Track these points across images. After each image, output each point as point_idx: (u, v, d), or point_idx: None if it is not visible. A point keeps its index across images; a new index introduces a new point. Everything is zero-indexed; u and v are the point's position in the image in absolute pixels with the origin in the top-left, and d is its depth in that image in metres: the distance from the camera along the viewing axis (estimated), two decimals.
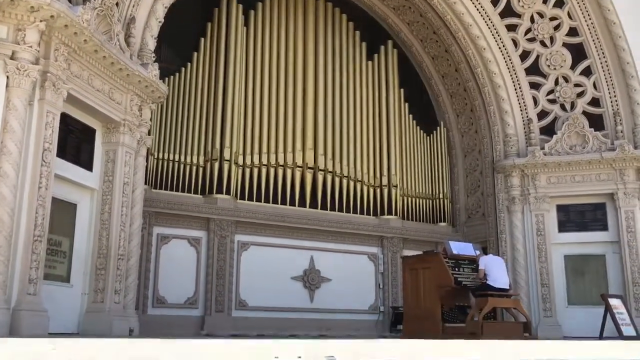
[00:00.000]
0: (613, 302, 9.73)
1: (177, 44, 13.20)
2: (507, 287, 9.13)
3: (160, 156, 12.49)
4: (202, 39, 13.60)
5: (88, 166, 9.42)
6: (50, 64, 7.95)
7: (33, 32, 7.76)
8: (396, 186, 15.20)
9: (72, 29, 8.18)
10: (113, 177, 9.56)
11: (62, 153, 8.64)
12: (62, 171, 8.64)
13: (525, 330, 9.01)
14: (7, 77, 7.56)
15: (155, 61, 10.61)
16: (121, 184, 9.60)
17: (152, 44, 10.63)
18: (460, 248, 9.79)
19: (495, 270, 9.11)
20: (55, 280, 8.73)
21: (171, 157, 12.61)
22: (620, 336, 9.18)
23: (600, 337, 9.41)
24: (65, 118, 8.59)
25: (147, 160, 11.15)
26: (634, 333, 9.48)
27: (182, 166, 12.71)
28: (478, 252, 9.87)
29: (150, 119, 10.81)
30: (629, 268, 13.52)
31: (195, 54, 13.44)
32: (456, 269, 9.46)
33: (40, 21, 7.76)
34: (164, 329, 11.27)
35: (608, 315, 9.48)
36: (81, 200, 9.36)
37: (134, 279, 10.01)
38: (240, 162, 13.34)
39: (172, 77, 12.92)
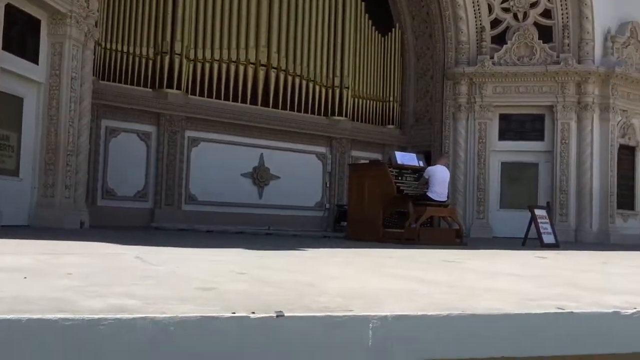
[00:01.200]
0: (538, 212, 10.54)
1: None
2: (444, 200, 9.75)
3: (109, 46, 12.13)
4: None
5: (34, 59, 9.15)
6: None
7: None
8: (348, 87, 15.35)
9: None
10: (60, 71, 9.34)
11: (6, 44, 8.34)
12: (7, 64, 8.38)
13: (457, 237, 9.77)
14: None
15: None
16: (69, 78, 9.41)
17: None
18: (405, 158, 10.25)
19: (437, 183, 9.64)
20: (5, 174, 8.75)
21: (120, 48, 12.27)
22: (541, 244, 10.08)
23: (523, 244, 10.29)
24: (9, 9, 8.20)
25: (94, 51, 10.84)
26: (553, 241, 10.41)
27: (131, 58, 12.42)
28: (421, 163, 10.37)
29: (98, 10, 10.38)
30: (558, 177, 14.47)
31: None
32: (399, 178, 9.96)
33: None
34: (114, 221, 11.56)
35: (533, 224, 10.33)
36: (27, 94, 9.17)
37: (84, 173, 10.11)
38: (192, 56, 13.10)
39: None
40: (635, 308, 2.55)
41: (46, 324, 1.57)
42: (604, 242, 13.99)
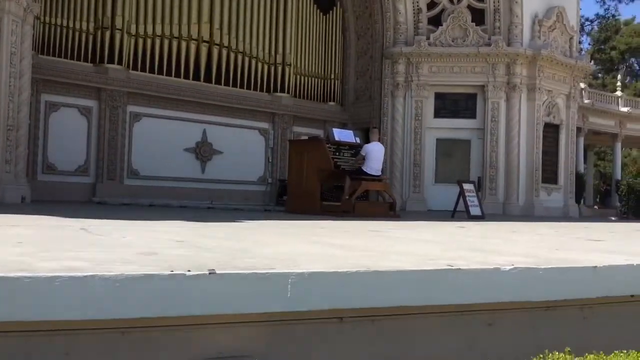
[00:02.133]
0: (466, 186, 11.30)
1: None
2: (379, 174, 10.32)
3: (47, 20, 12.01)
4: None
5: None
6: None
7: None
8: (290, 65, 15.66)
9: None
10: (0, 47, 9.29)
11: None
12: None
13: (391, 209, 10.38)
14: None
15: None
16: (8, 54, 9.38)
17: None
18: (343, 135, 10.74)
19: (373, 159, 10.18)
20: None
21: (59, 22, 12.17)
22: (468, 216, 10.84)
23: (452, 216, 11.03)
24: None
25: (34, 26, 10.75)
26: (479, 213, 11.20)
27: (71, 32, 12.34)
28: (358, 140, 10.89)
29: None
30: (488, 153, 15.35)
31: None
32: (337, 154, 10.46)
33: None
34: (55, 196, 11.61)
35: (461, 198, 11.07)
36: None
37: (24, 148, 10.13)
38: (133, 31, 13.11)
39: None
40: (513, 265, 3.10)
41: (11, 281, 1.86)
42: (530, 214, 15.01)
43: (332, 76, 16.78)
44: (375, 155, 10.18)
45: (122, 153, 12.93)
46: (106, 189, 12.59)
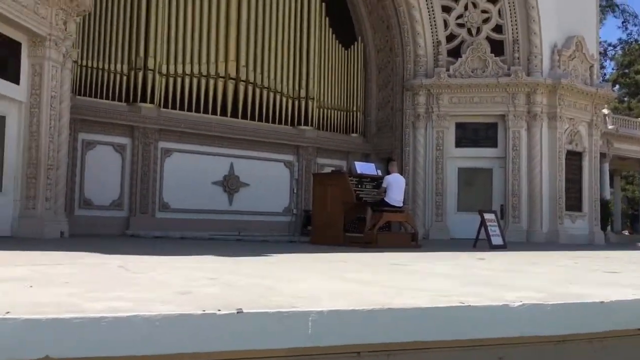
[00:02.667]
0: (487, 216, 11.47)
1: None
2: (400, 205, 10.60)
3: (85, 63, 12.71)
4: None
5: (15, 79, 9.71)
6: None
7: None
8: (313, 98, 16.15)
9: None
10: (40, 91, 9.92)
11: None
12: None
13: (413, 240, 10.62)
14: None
15: None
16: (49, 97, 9.99)
17: None
18: (364, 168, 11.09)
19: (394, 190, 10.49)
20: None
21: (95, 65, 12.85)
22: (490, 245, 11.00)
23: (474, 246, 11.21)
24: None
25: (72, 70, 11.40)
26: (501, 242, 11.35)
27: (106, 74, 13.01)
28: (379, 172, 11.22)
29: (75, 32, 10.96)
30: (510, 181, 15.52)
31: None
32: (359, 186, 10.80)
33: None
34: (91, 230, 12.14)
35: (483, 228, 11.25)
36: (9, 112, 9.74)
37: (63, 186, 10.69)
38: (164, 71, 13.75)
39: None
40: (521, 302, 3.36)
41: (61, 322, 2.08)
42: (554, 241, 15.07)
43: (355, 108, 17.21)
44: (396, 186, 10.48)
45: (154, 187, 13.46)
46: (139, 222, 13.10)
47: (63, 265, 5.33)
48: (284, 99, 15.72)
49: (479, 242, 11.46)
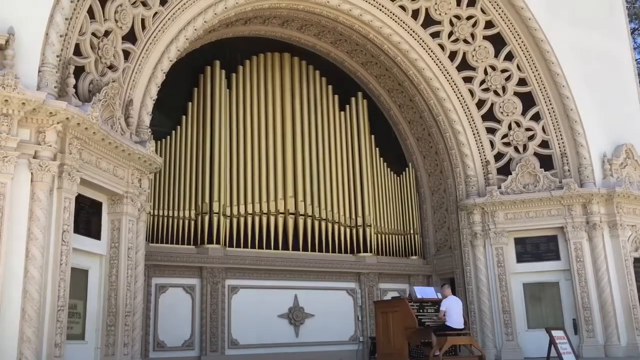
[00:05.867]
0: (556, 333, 11.26)
1: (167, 109, 14.53)
2: (462, 327, 10.65)
3: (155, 212, 13.85)
4: (190, 103, 15.07)
5: (97, 236, 10.77)
6: (66, 157, 9.33)
7: (52, 133, 9.14)
8: (370, 225, 16.71)
9: (84, 125, 9.59)
10: (119, 244, 10.92)
11: (75, 227, 9.96)
12: (76, 244, 9.96)
13: None
14: (32, 173, 8.93)
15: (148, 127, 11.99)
16: (126, 248, 10.96)
17: (147, 120, 12.03)
18: (424, 292, 11.31)
19: (454, 313, 10.63)
20: (73, 339, 10.02)
21: (165, 213, 13.98)
22: None
23: None
24: (77, 197, 9.92)
25: (145, 221, 12.48)
26: (574, 359, 11.04)
27: (175, 220, 14.09)
28: (439, 295, 11.39)
29: (149, 187, 12.16)
30: (579, 294, 15.13)
31: (184, 117, 14.88)
32: (420, 311, 10.98)
33: (57, 123, 9.14)
34: None
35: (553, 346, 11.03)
36: (92, 265, 10.70)
37: (139, 331, 11.34)
38: (228, 213, 14.75)
39: (163, 140, 14.32)
40: None
41: None
42: (634, 355, 14.31)
43: (412, 231, 17.60)
44: (453, 308, 10.62)
45: (223, 325, 13.96)
46: None
47: None
48: (342, 228, 16.34)
49: None
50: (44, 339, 8.74)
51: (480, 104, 16.60)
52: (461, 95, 16.53)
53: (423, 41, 16.00)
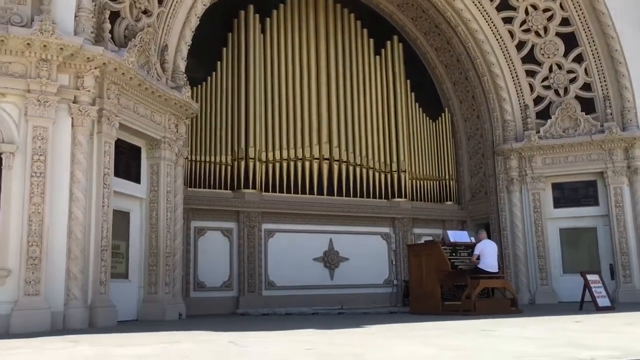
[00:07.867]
0: (590, 277, 11.20)
1: (202, 55, 14.55)
2: (496, 271, 10.69)
3: (193, 158, 14.12)
4: (224, 49, 15.07)
5: (137, 179, 11.09)
6: (104, 102, 9.53)
7: (90, 78, 9.32)
8: (405, 171, 16.70)
9: (121, 71, 9.74)
10: (158, 187, 11.22)
11: (116, 171, 10.25)
12: (117, 187, 10.27)
13: (512, 305, 10.61)
14: (72, 118, 9.17)
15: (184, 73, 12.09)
16: (165, 192, 11.26)
17: (182, 66, 12.13)
18: (457, 236, 11.35)
19: (488, 256, 10.66)
20: (117, 277, 10.47)
21: (203, 159, 14.24)
22: (597, 308, 10.70)
23: (580, 309, 10.95)
24: (117, 142, 10.18)
25: (183, 166, 12.76)
26: (608, 304, 10.99)
27: (212, 166, 14.35)
28: (473, 239, 11.42)
29: (185, 132, 12.36)
30: (617, 239, 14.96)
31: (219, 62, 14.92)
32: (453, 255, 11.04)
33: (95, 68, 9.31)
34: (205, 310, 13.11)
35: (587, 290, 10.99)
36: (133, 208, 11.06)
37: (180, 271, 11.76)
38: (263, 158, 14.93)
39: (199, 86, 14.43)
40: (592, 358, 3.65)
41: None
42: None
43: (447, 177, 17.53)
44: (487, 252, 10.65)
45: (260, 267, 14.36)
46: (247, 301, 13.95)
47: (182, 342, 6.11)
48: (377, 174, 16.38)
49: (586, 305, 11.16)
50: (90, 277, 9.16)
51: (520, 45, 16.12)
52: (500, 37, 16.07)
53: None
